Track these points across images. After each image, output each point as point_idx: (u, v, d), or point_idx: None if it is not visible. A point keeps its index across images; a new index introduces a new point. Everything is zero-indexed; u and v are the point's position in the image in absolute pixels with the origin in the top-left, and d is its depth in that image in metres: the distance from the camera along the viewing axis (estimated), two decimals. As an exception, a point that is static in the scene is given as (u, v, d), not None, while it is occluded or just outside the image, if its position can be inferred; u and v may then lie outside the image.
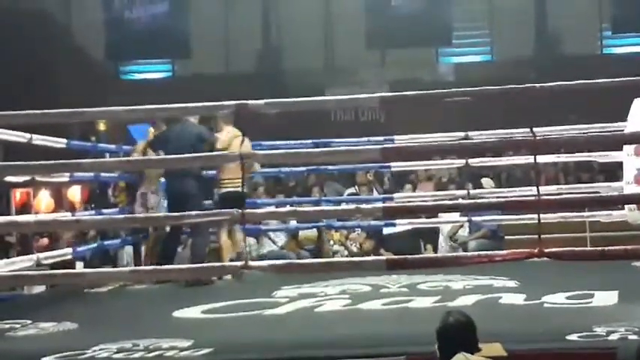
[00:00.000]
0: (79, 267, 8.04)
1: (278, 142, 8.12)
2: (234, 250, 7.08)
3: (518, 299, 5.58)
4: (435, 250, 8.68)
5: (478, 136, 7.84)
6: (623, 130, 7.22)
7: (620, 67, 11.87)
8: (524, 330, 4.66)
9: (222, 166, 6.84)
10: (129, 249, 8.46)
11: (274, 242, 8.95)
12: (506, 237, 8.45)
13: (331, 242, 8.80)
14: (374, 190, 9.59)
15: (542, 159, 8.02)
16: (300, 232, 8.98)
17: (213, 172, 7.39)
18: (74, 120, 7.47)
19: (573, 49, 14.63)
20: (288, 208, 8.21)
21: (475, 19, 15.50)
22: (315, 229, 8.82)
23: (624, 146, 7.36)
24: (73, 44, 15.20)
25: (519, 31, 14.79)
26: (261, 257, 8.25)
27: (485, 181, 8.92)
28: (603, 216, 7.94)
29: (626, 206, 7.51)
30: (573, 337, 4.31)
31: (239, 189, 6.51)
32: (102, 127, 12.99)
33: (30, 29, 14.18)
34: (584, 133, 7.17)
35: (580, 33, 14.75)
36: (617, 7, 14.75)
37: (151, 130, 7.46)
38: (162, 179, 7.37)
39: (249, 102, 5.27)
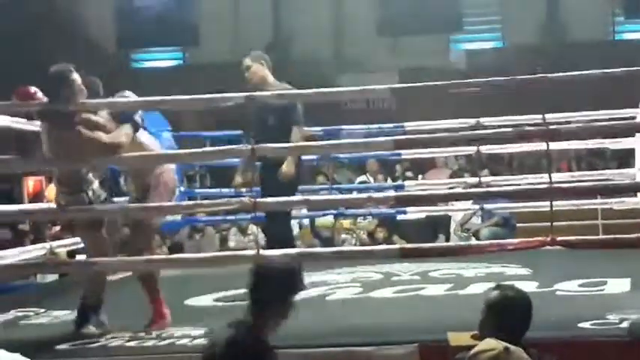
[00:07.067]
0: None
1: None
2: None
3: (531, 287, 5.57)
4: (448, 238, 8.68)
5: (490, 122, 7.81)
6: (635, 117, 7.19)
7: (632, 52, 11.79)
8: (536, 318, 4.64)
9: None
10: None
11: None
12: (518, 225, 8.45)
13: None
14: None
15: (554, 146, 7.99)
16: (317, 220, 8.99)
17: None
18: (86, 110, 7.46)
19: (585, 34, 14.52)
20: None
21: (486, 5, 15.40)
22: (331, 217, 8.81)
23: (637, 133, 7.34)
24: (83, 33, 15.19)
25: (531, 16, 14.69)
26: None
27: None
28: (616, 203, 7.92)
29: (638, 193, 7.50)
30: (586, 324, 4.32)
31: None
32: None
33: (40, 18, 14.18)
34: (596, 120, 7.13)
35: (592, 18, 14.63)
36: (629, -9, 14.64)
37: None
38: None
39: (258, 93, 5.26)
